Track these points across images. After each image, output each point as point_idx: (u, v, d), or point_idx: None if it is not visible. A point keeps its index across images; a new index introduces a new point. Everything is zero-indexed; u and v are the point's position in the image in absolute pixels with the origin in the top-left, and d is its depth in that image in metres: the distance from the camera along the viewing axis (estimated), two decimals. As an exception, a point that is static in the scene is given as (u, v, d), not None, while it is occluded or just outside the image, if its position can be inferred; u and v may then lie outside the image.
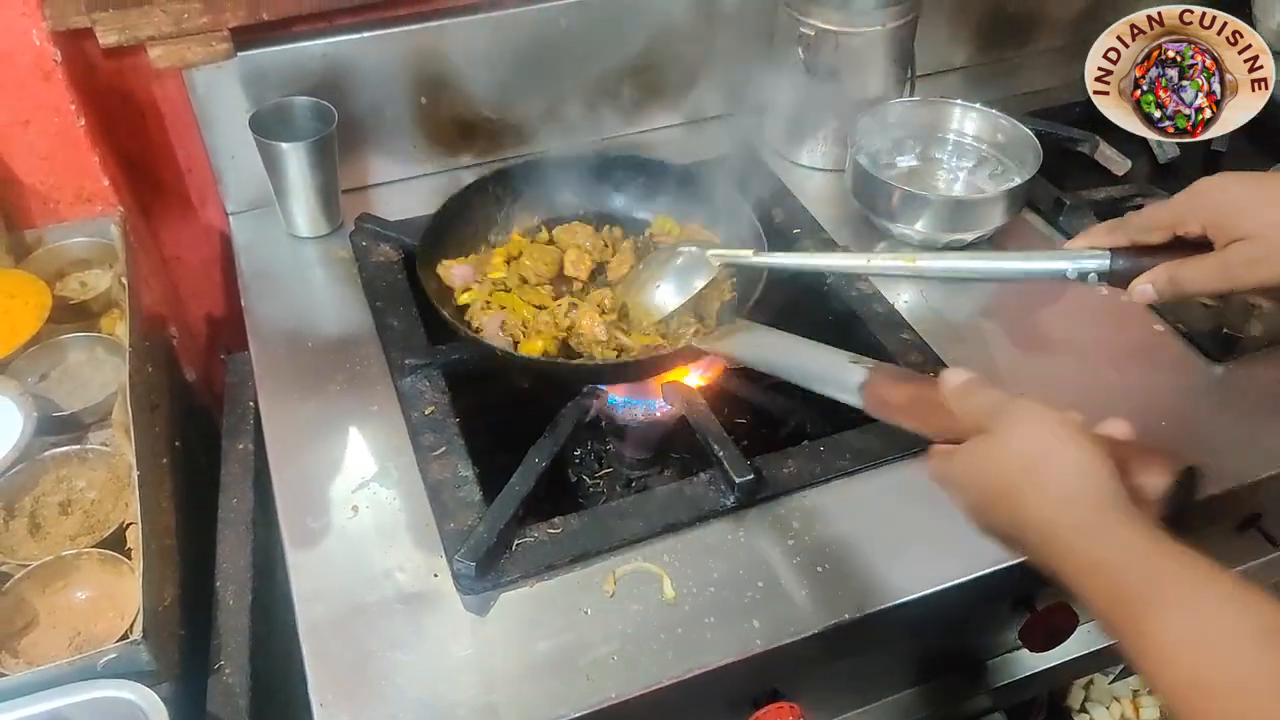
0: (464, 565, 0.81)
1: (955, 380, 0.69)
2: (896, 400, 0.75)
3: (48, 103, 1.03)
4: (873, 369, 0.78)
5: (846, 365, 0.80)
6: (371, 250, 1.14)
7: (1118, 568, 0.56)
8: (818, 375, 0.83)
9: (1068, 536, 0.59)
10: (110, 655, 0.75)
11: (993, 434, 0.64)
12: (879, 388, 0.77)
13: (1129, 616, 0.55)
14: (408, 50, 1.17)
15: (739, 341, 0.93)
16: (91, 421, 0.97)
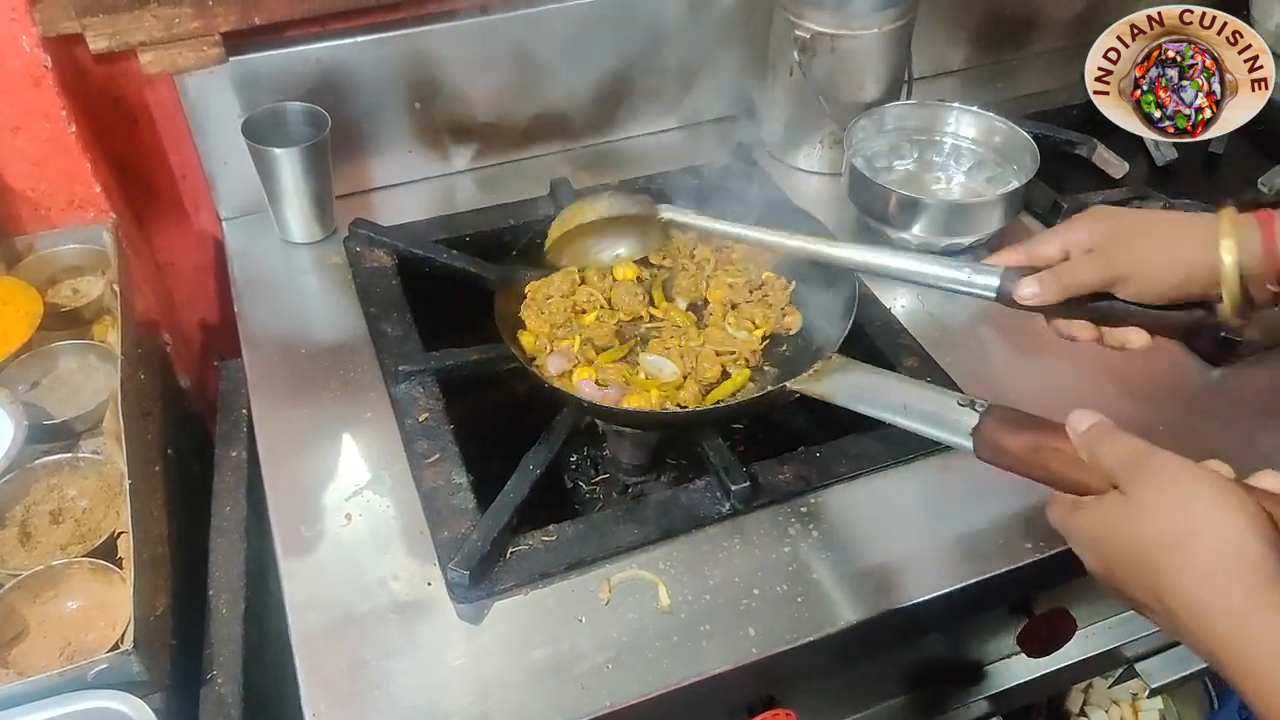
0: (458, 573, 0.80)
1: (1084, 424, 0.65)
2: (1015, 448, 0.69)
3: (38, 109, 1.02)
4: (985, 412, 0.71)
5: (956, 408, 0.73)
6: (365, 256, 1.14)
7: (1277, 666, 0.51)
8: (925, 417, 0.76)
9: (1223, 623, 0.53)
10: (101, 665, 0.74)
11: (1131, 494, 0.59)
12: (994, 434, 0.70)
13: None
14: (401, 55, 1.17)
15: (836, 382, 0.85)
16: (83, 429, 0.96)
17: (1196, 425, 0.99)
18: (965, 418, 0.72)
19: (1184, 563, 0.55)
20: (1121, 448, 0.62)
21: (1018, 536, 0.87)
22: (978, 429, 0.71)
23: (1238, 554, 0.54)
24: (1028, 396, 0.99)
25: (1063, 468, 0.66)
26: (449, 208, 1.23)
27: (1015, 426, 0.70)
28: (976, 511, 0.90)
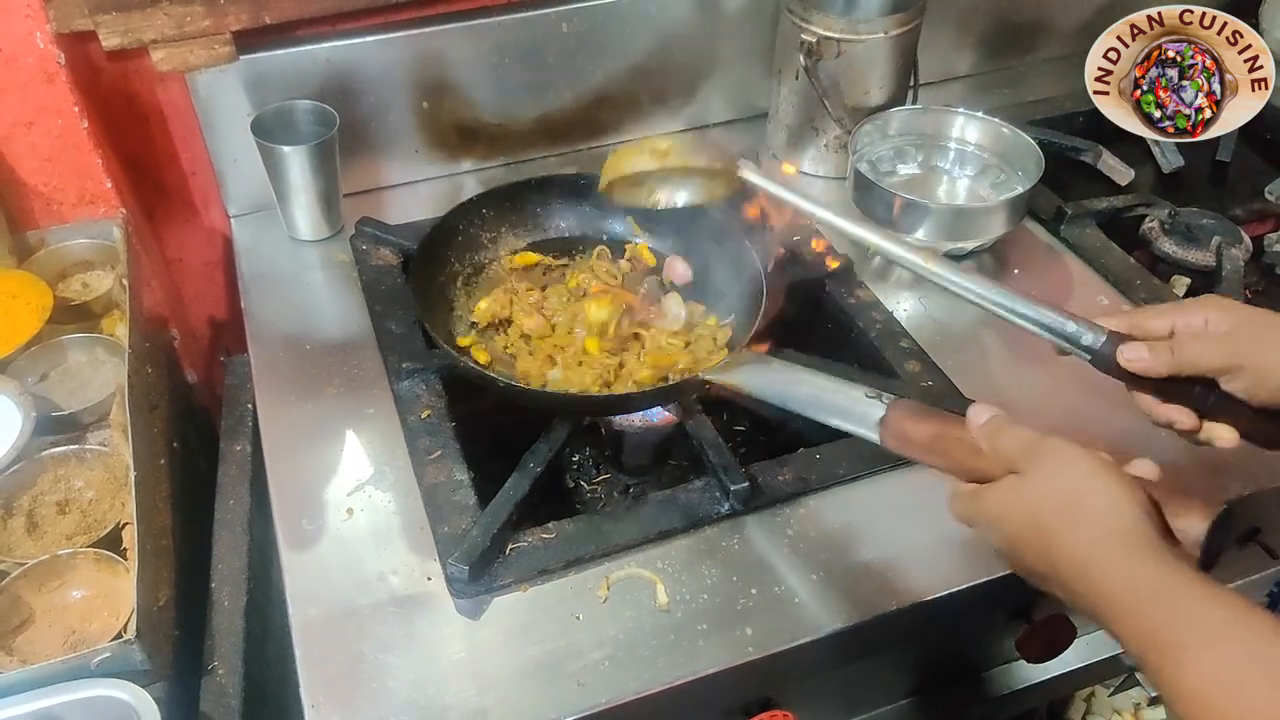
0: (457, 569, 0.81)
1: (982, 416, 0.68)
2: (918, 437, 0.72)
3: (51, 105, 1.03)
4: (892, 405, 0.74)
5: (864, 400, 0.76)
6: (371, 254, 1.14)
7: (1151, 608, 0.56)
8: (833, 410, 0.78)
9: (1101, 576, 0.58)
10: (104, 654, 0.75)
11: (1025, 474, 0.64)
12: (899, 424, 0.73)
13: (1163, 658, 0.54)
14: (410, 55, 1.18)
15: (747, 373, 0.88)
16: (90, 422, 0.97)
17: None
18: (873, 410, 0.75)
19: (1072, 525, 0.60)
20: (1019, 436, 0.66)
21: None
22: (884, 420, 0.74)
23: (1119, 517, 0.59)
24: (1029, 401, 1.00)
25: (963, 456, 0.69)
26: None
27: (919, 417, 0.73)
28: (975, 515, 0.90)
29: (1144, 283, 1.14)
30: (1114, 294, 1.14)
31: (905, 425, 0.73)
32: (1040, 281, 1.16)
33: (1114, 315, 0.78)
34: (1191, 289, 1.19)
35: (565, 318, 1.06)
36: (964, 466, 0.69)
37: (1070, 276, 1.17)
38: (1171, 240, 1.21)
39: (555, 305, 1.08)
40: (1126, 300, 1.13)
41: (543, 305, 1.08)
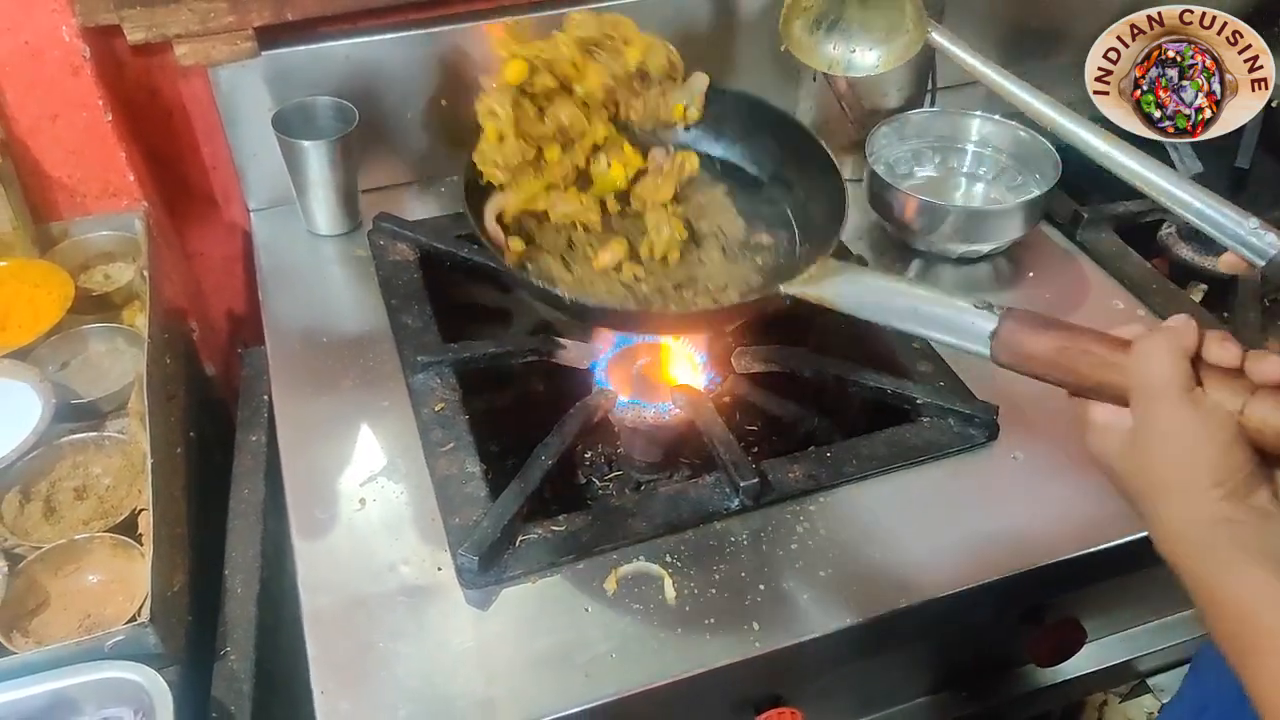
0: (467, 559, 0.82)
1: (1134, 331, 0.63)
2: (1039, 351, 0.65)
3: (76, 98, 1.05)
4: (1005, 314, 0.68)
5: (972, 311, 0.69)
6: (389, 249, 1.15)
7: (1224, 610, 0.56)
8: (937, 323, 0.71)
9: (1181, 565, 0.58)
10: (118, 637, 0.76)
11: (1144, 427, 0.60)
12: (1015, 336, 0.66)
13: (1239, 659, 0.55)
14: (430, 52, 1.19)
15: (837, 285, 0.79)
16: (109, 410, 0.98)
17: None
18: (982, 321, 0.68)
19: (1158, 514, 0.60)
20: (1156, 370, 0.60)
21: (1027, 541, 0.87)
22: (996, 333, 0.67)
23: (1203, 504, 0.58)
24: (1042, 404, 1.00)
25: (1090, 370, 0.63)
26: (473, 205, 1.25)
27: (1038, 328, 0.66)
28: (985, 515, 0.90)
29: (1160, 288, 1.14)
30: (1130, 299, 1.14)
31: (1022, 337, 0.66)
32: (1056, 285, 1.16)
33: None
34: (1208, 296, 1.19)
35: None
36: (1092, 382, 0.63)
37: (1086, 281, 1.17)
38: (1189, 246, 1.20)
39: None
40: (1142, 305, 1.13)
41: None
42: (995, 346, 0.68)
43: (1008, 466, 0.94)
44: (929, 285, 0.75)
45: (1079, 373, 0.64)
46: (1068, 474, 0.93)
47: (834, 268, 0.81)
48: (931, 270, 1.18)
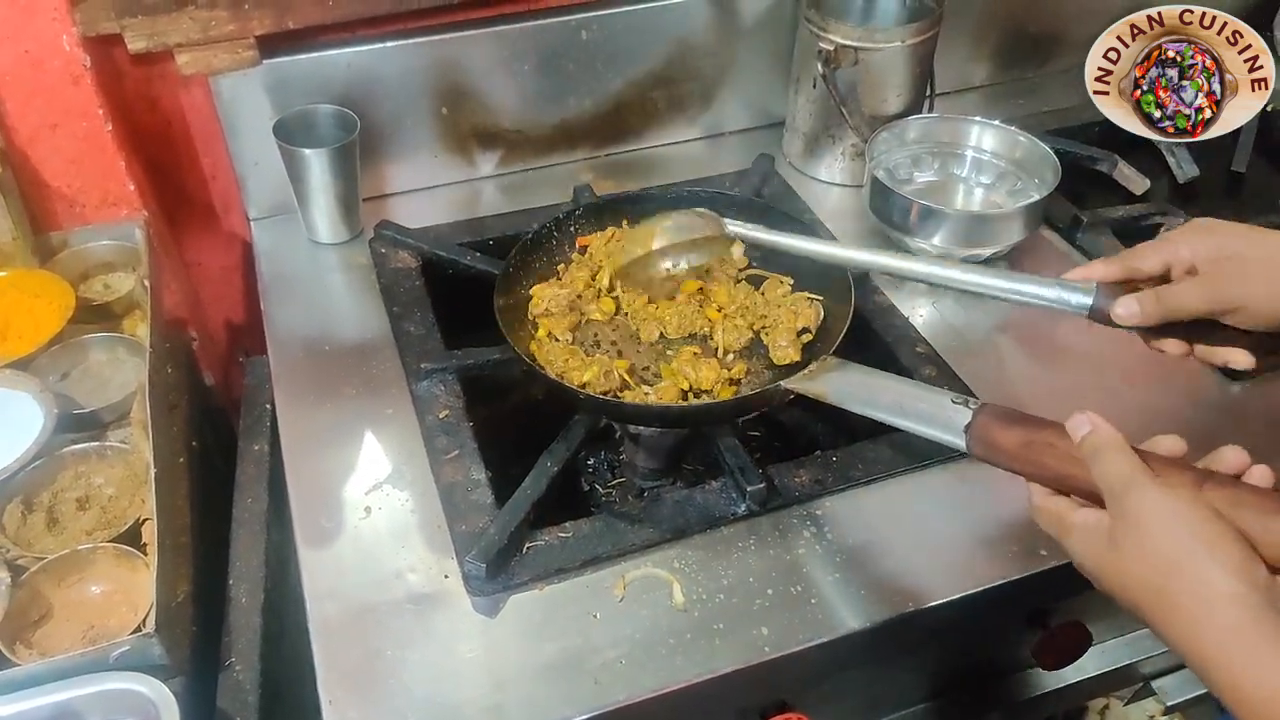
0: (474, 566, 0.81)
1: (1083, 429, 0.64)
2: (1007, 444, 0.69)
3: (76, 107, 1.04)
4: (979, 409, 0.72)
5: (949, 406, 0.74)
6: (390, 257, 1.15)
7: (1244, 708, 0.53)
8: (918, 416, 0.77)
9: (1195, 665, 0.55)
10: (123, 648, 0.76)
11: (1115, 532, 0.60)
12: (987, 430, 0.71)
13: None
14: (430, 61, 1.19)
15: (832, 381, 0.86)
16: (111, 420, 0.98)
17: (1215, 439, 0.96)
18: (959, 415, 0.73)
19: (1169, 615, 0.57)
20: (1116, 469, 0.61)
21: (1032, 545, 0.87)
22: (970, 426, 0.71)
23: (1211, 607, 0.55)
24: (1045, 407, 1.00)
25: (1056, 464, 0.66)
26: (473, 212, 1.25)
27: (1008, 422, 0.70)
28: (991, 519, 0.90)
29: (1160, 291, 1.14)
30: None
31: (993, 431, 0.70)
32: (1056, 289, 1.16)
33: (1105, 262, 0.76)
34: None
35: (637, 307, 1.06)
36: (1057, 475, 0.66)
37: (1086, 284, 1.17)
38: (1188, 249, 1.20)
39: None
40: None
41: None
42: (969, 439, 0.72)
43: (1013, 470, 0.94)
44: (912, 381, 0.83)
45: (1044, 465, 0.67)
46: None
47: (831, 365, 0.88)
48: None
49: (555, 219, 1.10)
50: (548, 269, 1.09)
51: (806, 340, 1.02)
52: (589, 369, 0.95)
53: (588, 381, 0.94)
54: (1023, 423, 0.70)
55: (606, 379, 0.95)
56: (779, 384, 0.89)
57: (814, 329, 1.02)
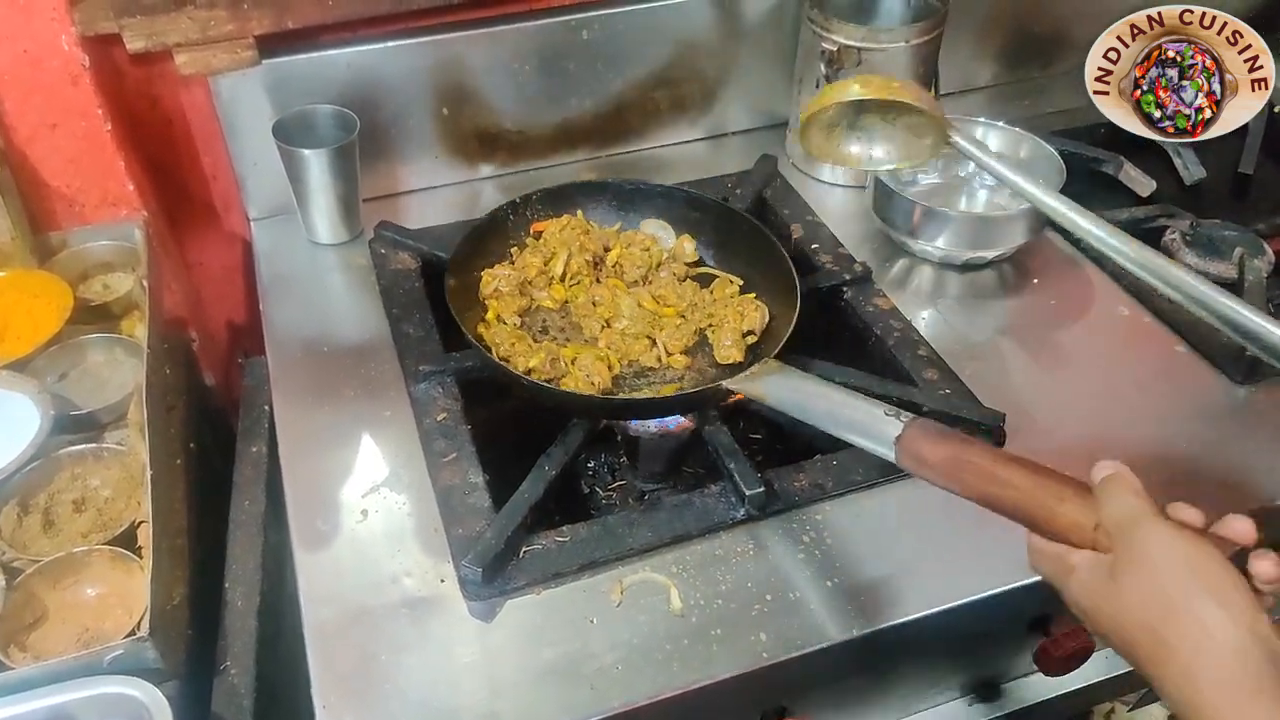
0: (471, 571, 0.81)
1: (1101, 473, 0.63)
2: (934, 459, 0.71)
3: (75, 107, 1.04)
4: (909, 423, 0.74)
5: (881, 418, 0.76)
6: (390, 258, 1.15)
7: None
8: (850, 425, 0.79)
9: (1205, 716, 0.52)
10: (117, 652, 0.75)
11: (1114, 569, 0.58)
12: (915, 444, 0.73)
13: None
14: (430, 61, 1.18)
15: (771, 384, 0.89)
16: (108, 421, 0.97)
17: (1220, 444, 0.97)
18: (889, 428, 0.74)
19: (1164, 657, 0.55)
20: (1120, 509, 0.60)
21: (1034, 550, 0.86)
22: (900, 438, 0.73)
23: (1208, 649, 0.53)
24: (1049, 411, 1.00)
25: (977, 481, 0.68)
26: (473, 213, 1.24)
27: (936, 438, 0.72)
28: (993, 524, 0.88)
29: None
30: (1135, 305, 1.13)
31: (921, 445, 0.72)
32: (1060, 292, 1.15)
33: None
34: (1214, 301, 1.18)
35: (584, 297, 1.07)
36: (979, 492, 0.68)
37: (1091, 287, 1.17)
38: (1193, 252, 1.19)
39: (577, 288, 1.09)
40: (1147, 312, 1.12)
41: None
42: (898, 450, 0.73)
43: (1015, 474, 0.93)
44: (850, 389, 0.84)
45: (966, 482, 0.69)
46: (1075, 481, 0.92)
47: (772, 368, 0.91)
48: (937, 277, 1.17)
49: (512, 203, 1.12)
50: (500, 252, 1.11)
51: (751, 342, 1.03)
52: (535, 355, 0.97)
53: (533, 367, 0.96)
54: (950, 440, 0.71)
55: (552, 366, 0.97)
56: (719, 383, 0.91)
57: (759, 331, 1.03)
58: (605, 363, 0.99)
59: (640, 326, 1.04)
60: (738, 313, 1.04)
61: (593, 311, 1.05)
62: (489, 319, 1.04)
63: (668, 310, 1.06)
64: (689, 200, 1.14)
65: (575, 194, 1.15)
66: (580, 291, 1.07)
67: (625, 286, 1.08)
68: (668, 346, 1.02)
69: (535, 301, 1.07)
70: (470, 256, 1.07)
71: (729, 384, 0.91)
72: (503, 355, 0.98)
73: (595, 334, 1.04)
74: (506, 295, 1.05)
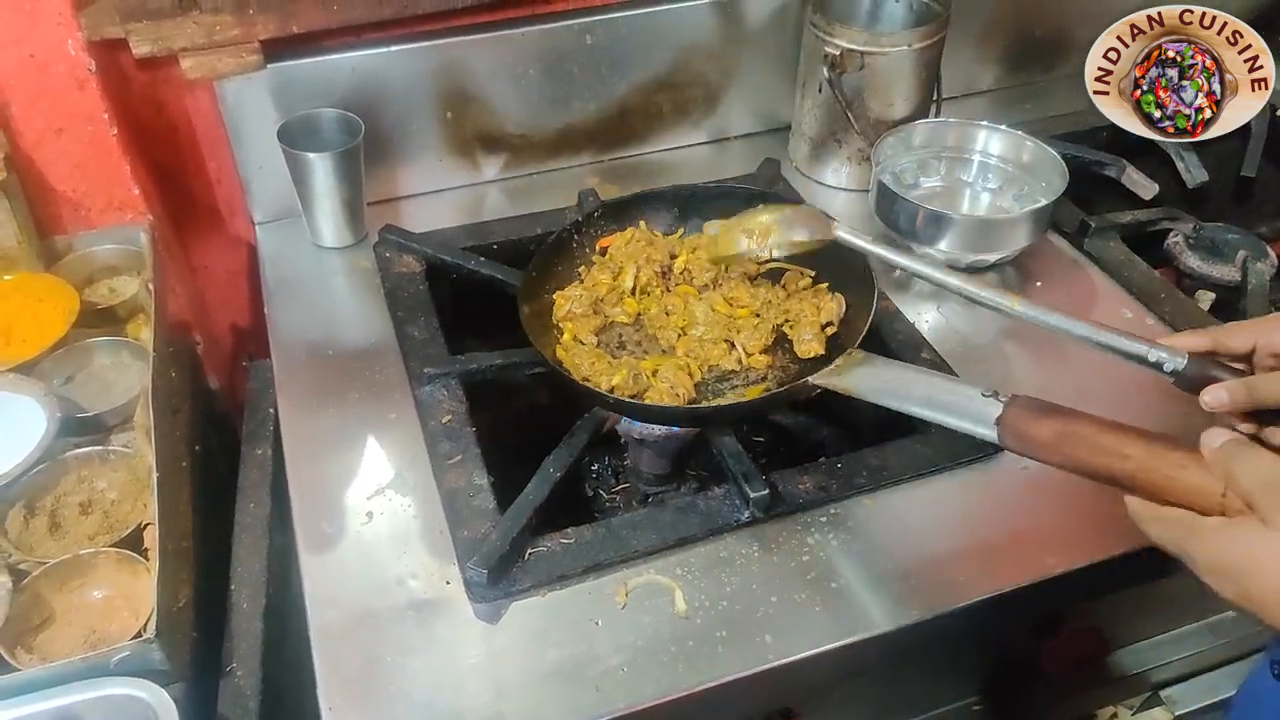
0: (476, 572, 0.81)
1: (1219, 440, 0.62)
2: (1040, 436, 0.70)
3: (81, 111, 1.04)
4: (1010, 401, 0.73)
5: (980, 399, 0.74)
6: (395, 261, 1.15)
7: None
8: (949, 409, 0.77)
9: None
10: (123, 653, 0.75)
11: (1274, 525, 0.57)
12: (1018, 421, 0.71)
13: None
14: (434, 65, 1.19)
15: (860, 376, 0.87)
16: (114, 424, 0.98)
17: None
18: (989, 408, 0.73)
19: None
20: (1263, 468, 0.59)
21: (1040, 551, 0.86)
22: (1002, 418, 0.72)
23: None
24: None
25: (1089, 455, 0.66)
26: (478, 216, 1.24)
27: (1040, 414, 0.70)
28: (998, 525, 0.89)
29: (1168, 296, 1.13)
30: (1138, 307, 1.13)
31: (1025, 424, 0.71)
32: (1064, 294, 1.16)
33: (1196, 334, 0.77)
34: (1216, 304, 1.18)
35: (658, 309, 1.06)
36: (1090, 467, 0.66)
37: (1094, 289, 1.17)
38: (1196, 255, 1.20)
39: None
40: (1151, 314, 1.12)
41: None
42: (1001, 431, 0.72)
43: (1018, 477, 0.93)
44: (941, 374, 0.83)
45: (1077, 457, 0.67)
46: (1076, 485, 0.91)
47: (858, 359, 0.89)
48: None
49: (575, 222, 1.10)
50: (569, 273, 1.09)
51: (831, 333, 1.01)
52: (617, 372, 0.95)
53: (616, 385, 0.94)
54: (1055, 414, 0.70)
55: (635, 381, 0.95)
56: (806, 380, 0.89)
57: (837, 322, 1.02)
58: (686, 371, 0.97)
59: (717, 331, 1.02)
60: (814, 306, 1.02)
61: (667, 321, 1.03)
62: (565, 340, 1.02)
63: (742, 311, 1.04)
64: (746, 196, 1.10)
65: (635, 205, 1.13)
66: (652, 303, 1.05)
67: (696, 292, 1.06)
68: (747, 348, 1.01)
69: (609, 318, 1.05)
70: (540, 281, 1.06)
71: (815, 379, 0.88)
72: (584, 376, 0.96)
73: (672, 343, 1.02)
74: (580, 316, 1.03)
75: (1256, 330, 0.74)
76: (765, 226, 0.98)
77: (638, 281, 1.06)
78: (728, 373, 1.00)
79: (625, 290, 1.06)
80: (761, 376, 1.00)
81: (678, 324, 1.03)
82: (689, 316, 1.03)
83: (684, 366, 0.98)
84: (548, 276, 1.07)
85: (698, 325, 1.02)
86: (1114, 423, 0.67)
